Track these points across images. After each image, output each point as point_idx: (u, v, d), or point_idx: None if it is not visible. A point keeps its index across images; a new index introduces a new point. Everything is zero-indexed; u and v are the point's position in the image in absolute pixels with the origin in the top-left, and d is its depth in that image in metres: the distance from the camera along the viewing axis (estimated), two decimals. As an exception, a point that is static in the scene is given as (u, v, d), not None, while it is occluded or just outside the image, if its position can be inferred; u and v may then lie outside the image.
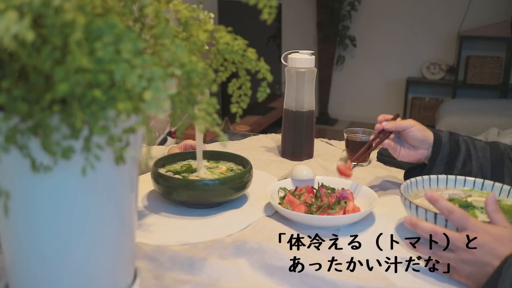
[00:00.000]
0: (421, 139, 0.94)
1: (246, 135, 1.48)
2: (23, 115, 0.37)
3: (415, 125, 0.94)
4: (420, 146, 0.95)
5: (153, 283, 0.65)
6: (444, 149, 0.94)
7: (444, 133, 0.97)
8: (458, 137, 0.97)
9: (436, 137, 0.95)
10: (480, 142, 0.98)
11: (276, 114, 3.80)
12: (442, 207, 0.70)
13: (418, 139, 0.94)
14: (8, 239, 0.47)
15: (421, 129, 0.95)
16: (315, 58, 1.24)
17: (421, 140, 0.94)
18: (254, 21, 1.55)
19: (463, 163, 0.94)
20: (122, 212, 0.50)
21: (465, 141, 0.96)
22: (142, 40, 0.39)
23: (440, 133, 0.96)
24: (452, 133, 0.98)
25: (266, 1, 0.47)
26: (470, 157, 0.94)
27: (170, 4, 0.56)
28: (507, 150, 0.95)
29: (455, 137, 0.97)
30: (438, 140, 0.95)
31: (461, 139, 0.96)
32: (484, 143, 0.98)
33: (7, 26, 0.32)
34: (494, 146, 0.97)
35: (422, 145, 0.95)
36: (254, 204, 0.94)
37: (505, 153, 0.94)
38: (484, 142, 0.98)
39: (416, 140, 0.95)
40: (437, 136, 0.95)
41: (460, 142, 0.96)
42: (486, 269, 0.63)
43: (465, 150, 0.95)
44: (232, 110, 0.60)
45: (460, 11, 4.19)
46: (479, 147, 0.96)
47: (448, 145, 0.95)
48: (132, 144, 0.44)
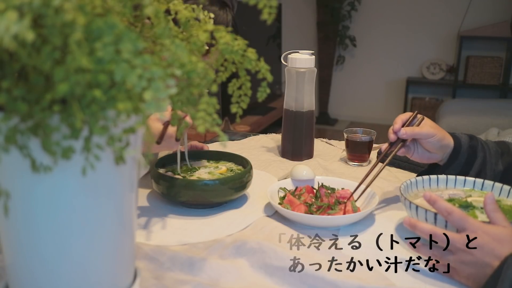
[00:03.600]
0: (440, 148, 0.90)
1: (246, 135, 1.48)
2: (23, 115, 0.37)
3: (436, 134, 0.89)
4: (436, 152, 0.92)
5: (153, 283, 0.65)
6: (461, 158, 0.91)
7: (464, 140, 0.92)
8: (477, 145, 0.92)
9: (456, 145, 0.91)
10: (493, 146, 0.94)
11: (276, 114, 3.80)
12: (441, 208, 0.70)
13: (436, 148, 0.90)
14: (8, 239, 0.47)
15: (441, 138, 0.89)
16: (315, 58, 1.24)
17: (438, 148, 0.90)
18: (254, 21, 1.55)
19: (477, 173, 0.91)
20: (122, 212, 0.50)
21: (482, 149, 0.92)
22: (142, 40, 0.39)
23: (461, 140, 0.91)
24: (472, 138, 0.93)
25: (266, 1, 0.47)
26: (485, 168, 0.91)
27: (170, 4, 0.56)
28: None
29: (474, 143, 0.92)
30: (457, 149, 0.91)
31: (479, 147, 0.92)
32: (496, 146, 0.94)
33: (7, 26, 0.32)
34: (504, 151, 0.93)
35: (439, 151, 0.91)
36: (254, 204, 0.94)
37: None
38: (496, 146, 0.94)
39: (434, 148, 0.90)
40: (457, 144, 0.91)
41: (478, 150, 0.91)
42: (485, 269, 0.63)
43: (481, 160, 0.91)
44: (232, 110, 0.60)
45: (460, 11, 4.19)
46: (493, 152, 0.92)
47: (466, 153, 0.91)
48: (132, 144, 0.44)
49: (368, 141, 1.20)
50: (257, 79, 0.60)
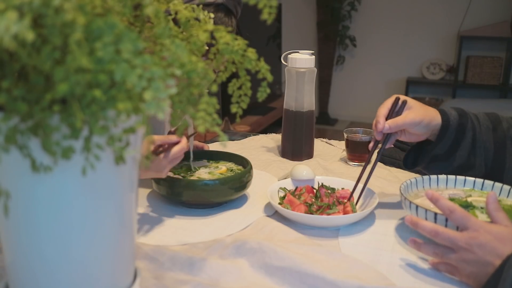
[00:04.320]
0: (427, 130, 0.88)
1: (246, 135, 1.48)
2: (23, 115, 0.37)
3: (422, 120, 0.86)
4: (424, 134, 0.89)
5: (153, 283, 0.65)
6: (449, 135, 0.88)
7: (453, 117, 0.89)
8: (467, 122, 0.89)
9: (444, 123, 0.88)
10: (484, 121, 0.91)
11: (276, 114, 3.80)
12: (443, 206, 0.70)
13: (424, 132, 0.88)
14: (9, 239, 0.47)
15: (428, 122, 0.86)
16: (315, 58, 1.24)
17: (426, 131, 0.88)
18: (254, 21, 1.55)
19: (468, 154, 0.89)
20: (122, 212, 0.50)
21: (473, 127, 0.89)
22: (142, 40, 0.39)
23: (449, 118, 0.88)
24: (461, 115, 0.90)
25: (266, 1, 0.47)
26: (475, 147, 0.89)
27: (170, 4, 0.56)
28: (510, 131, 0.90)
29: (463, 120, 0.89)
30: (445, 126, 0.88)
31: (469, 125, 0.89)
32: (488, 120, 0.91)
33: (7, 26, 0.32)
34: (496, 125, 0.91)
35: (427, 133, 0.89)
36: (254, 204, 0.94)
37: (508, 135, 0.90)
38: (488, 120, 0.91)
39: (421, 132, 0.88)
40: (445, 122, 0.88)
41: (467, 129, 0.89)
42: (487, 268, 0.63)
43: (471, 139, 0.89)
44: (232, 110, 0.60)
45: (460, 11, 4.19)
46: (484, 129, 0.90)
47: (454, 131, 0.88)
48: (132, 144, 0.44)
49: (368, 141, 1.20)
50: (257, 79, 0.60)
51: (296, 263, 0.68)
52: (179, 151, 0.85)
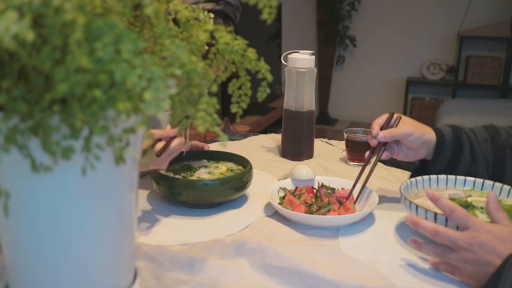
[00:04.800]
0: (422, 144, 0.90)
1: (246, 135, 1.48)
2: (23, 115, 0.37)
3: (414, 131, 0.88)
4: (420, 149, 0.91)
5: (153, 283, 0.65)
6: (446, 151, 0.90)
7: (447, 133, 0.91)
8: (462, 136, 0.91)
9: (438, 139, 0.90)
10: (481, 133, 0.93)
11: (276, 114, 3.80)
12: (443, 205, 0.70)
13: (418, 144, 0.90)
14: (9, 239, 0.47)
15: (421, 134, 0.89)
16: (315, 58, 1.24)
17: (421, 145, 0.90)
18: (254, 21, 1.55)
19: (469, 164, 0.90)
20: (122, 212, 0.50)
21: (469, 139, 0.91)
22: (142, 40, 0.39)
23: (443, 133, 0.91)
24: (455, 129, 0.92)
25: (266, 1, 0.47)
26: (475, 158, 0.90)
27: (170, 4, 0.56)
28: (508, 140, 0.91)
29: (458, 134, 0.91)
30: (441, 143, 0.90)
31: (464, 138, 0.91)
32: (485, 132, 0.93)
33: (7, 26, 0.32)
34: (494, 136, 0.92)
35: (422, 147, 0.91)
36: (254, 204, 0.94)
37: (507, 144, 0.91)
38: (484, 132, 0.93)
39: (416, 145, 0.90)
40: (440, 138, 0.90)
41: (463, 142, 0.91)
42: (487, 268, 0.63)
43: (469, 151, 0.90)
44: (232, 110, 0.60)
45: (460, 11, 4.19)
46: (481, 140, 0.91)
47: (451, 146, 0.90)
48: (132, 144, 0.44)
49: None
50: (257, 79, 0.60)
51: (296, 263, 0.68)
52: (178, 144, 0.86)
